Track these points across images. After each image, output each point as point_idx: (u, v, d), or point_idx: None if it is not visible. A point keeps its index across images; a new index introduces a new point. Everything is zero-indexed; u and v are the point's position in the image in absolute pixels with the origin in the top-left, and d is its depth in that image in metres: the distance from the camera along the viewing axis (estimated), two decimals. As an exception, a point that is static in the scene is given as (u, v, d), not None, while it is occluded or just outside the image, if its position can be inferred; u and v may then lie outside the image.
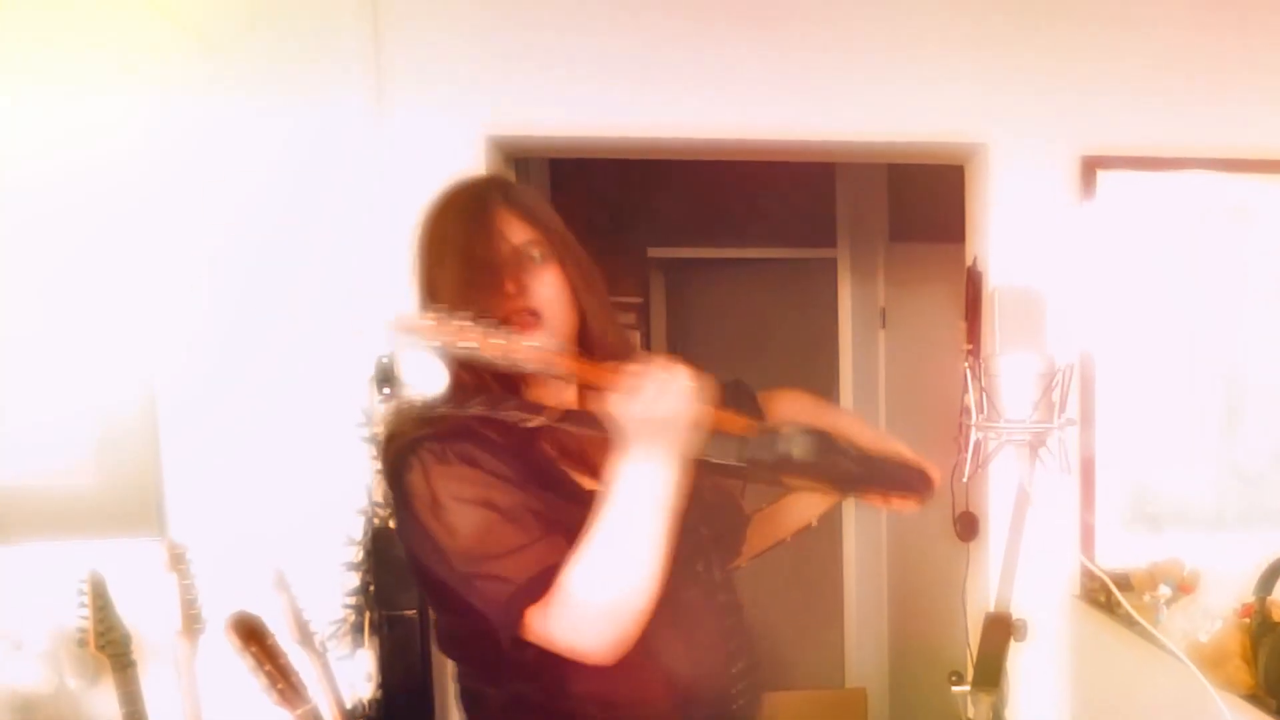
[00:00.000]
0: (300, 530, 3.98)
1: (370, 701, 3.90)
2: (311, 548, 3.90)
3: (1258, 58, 4.43)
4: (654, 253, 7.61)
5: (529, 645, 2.16)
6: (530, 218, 2.40)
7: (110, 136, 3.92)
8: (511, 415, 2.27)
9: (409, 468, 2.25)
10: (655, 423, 2.05)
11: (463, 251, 2.32)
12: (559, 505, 2.24)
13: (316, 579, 3.68)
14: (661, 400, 2.03)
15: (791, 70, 4.24)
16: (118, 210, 3.93)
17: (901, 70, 4.29)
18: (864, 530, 7.25)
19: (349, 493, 3.98)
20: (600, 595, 2.09)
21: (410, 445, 2.27)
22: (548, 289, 2.36)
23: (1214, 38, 4.40)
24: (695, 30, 4.18)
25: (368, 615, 3.93)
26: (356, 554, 3.96)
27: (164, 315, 4.00)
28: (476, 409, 2.28)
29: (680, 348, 7.70)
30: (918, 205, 6.67)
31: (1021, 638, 3.22)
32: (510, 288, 2.30)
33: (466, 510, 2.19)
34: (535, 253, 2.37)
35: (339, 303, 4.03)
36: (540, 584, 2.10)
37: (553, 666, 2.19)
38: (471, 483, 2.21)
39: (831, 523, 7.21)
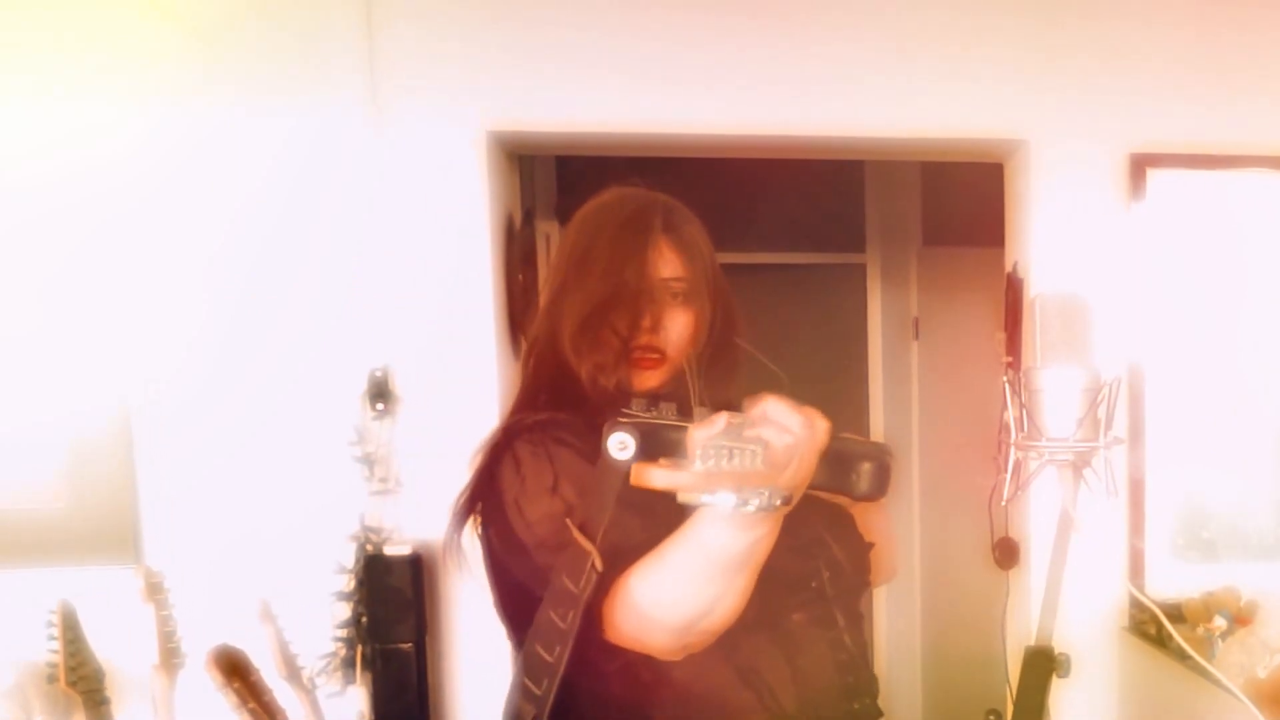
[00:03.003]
0: (287, 557, 3.98)
1: (363, 741, 3.90)
2: (299, 576, 3.91)
3: (1318, 50, 4.41)
4: (667, 257, 7.58)
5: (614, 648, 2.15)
6: (686, 252, 2.42)
7: (96, 140, 3.92)
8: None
9: (500, 460, 2.30)
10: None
11: (610, 272, 2.34)
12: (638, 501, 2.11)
13: (305, 609, 3.65)
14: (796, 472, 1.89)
15: (814, 61, 4.23)
16: (95, 217, 3.94)
17: (935, 61, 4.28)
18: (895, 556, 7.23)
19: (340, 517, 3.99)
20: (666, 614, 2.06)
21: (505, 437, 2.33)
22: (680, 330, 2.40)
23: (1273, 25, 4.38)
24: (711, 20, 4.17)
25: (360, 649, 3.93)
26: (348, 583, 3.96)
27: (138, 324, 3.99)
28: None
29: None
30: (953, 206, 6.66)
31: (1065, 673, 3.20)
32: (647, 322, 2.35)
33: (545, 500, 2.22)
34: (679, 290, 2.40)
35: (330, 312, 4.03)
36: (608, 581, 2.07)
37: (637, 678, 2.19)
38: (552, 474, 2.23)
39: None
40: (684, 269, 2.40)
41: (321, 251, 4.03)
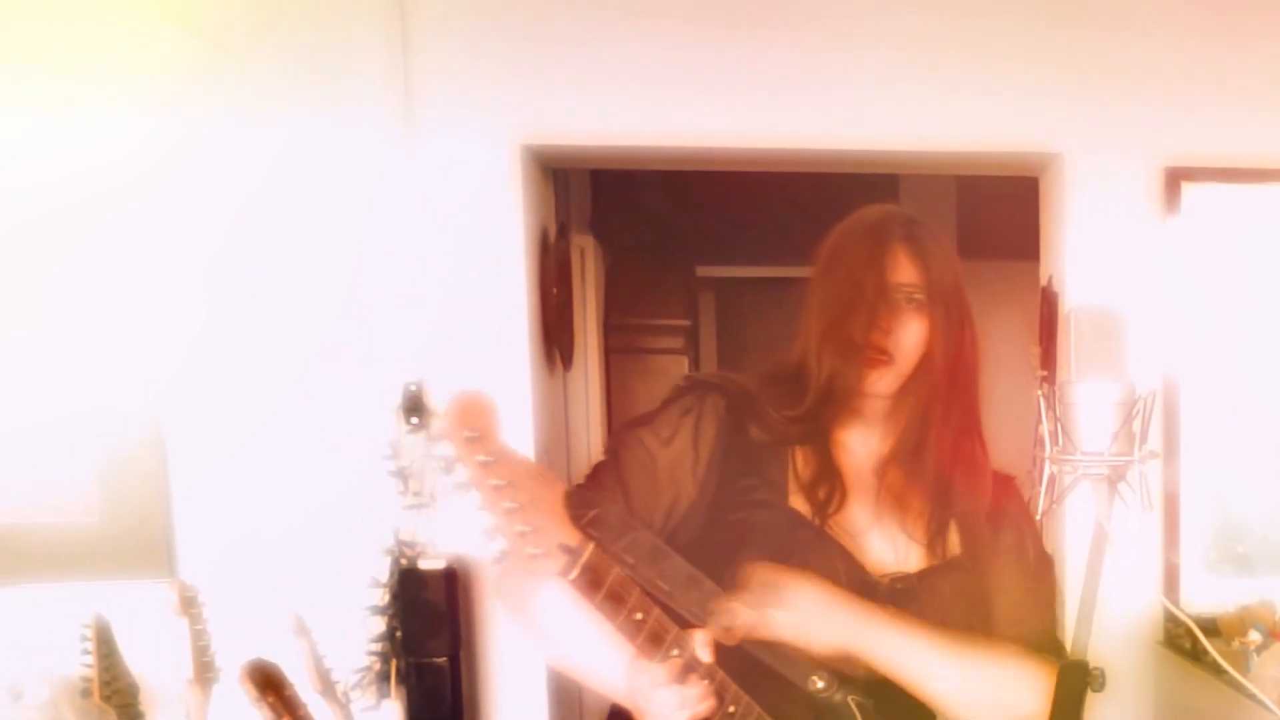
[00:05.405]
0: (321, 572, 3.97)
1: (397, 756, 3.89)
2: (333, 590, 3.88)
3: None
4: (703, 271, 7.55)
5: None
6: (921, 261, 2.49)
7: (130, 153, 3.92)
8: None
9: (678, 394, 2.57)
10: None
11: (847, 273, 2.47)
12: (732, 505, 2.46)
13: (339, 624, 3.63)
14: (653, 711, 2.14)
15: (849, 75, 4.22)
16: (124, 225, 3.93)
17: (970, 75, 4.26)
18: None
19: (374, 531, 3.97)
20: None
21: (694, 380, 2.66)
22: (909, 337, 2.48)
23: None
24: (745, 34, 4.16)
25: (394, 663, 3.91)
26: (382, 597, 3.94)
27: (172, 337, 3.98)
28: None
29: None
30: (988, 220, 6.62)
31: (1099, 688, 3.16)
32: (879, 322, 2.44)
33: (640, 448, 2.49)
34: (914, 297, 2.48)
35: (365, 326, 4.03)
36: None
37: None
38: (690, 434, 2.49)
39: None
40: (919, 277, 2.48)
41: (356, 266, 4.02)
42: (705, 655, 2.09)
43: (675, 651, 2.04)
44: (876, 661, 2.31)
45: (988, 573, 2.56)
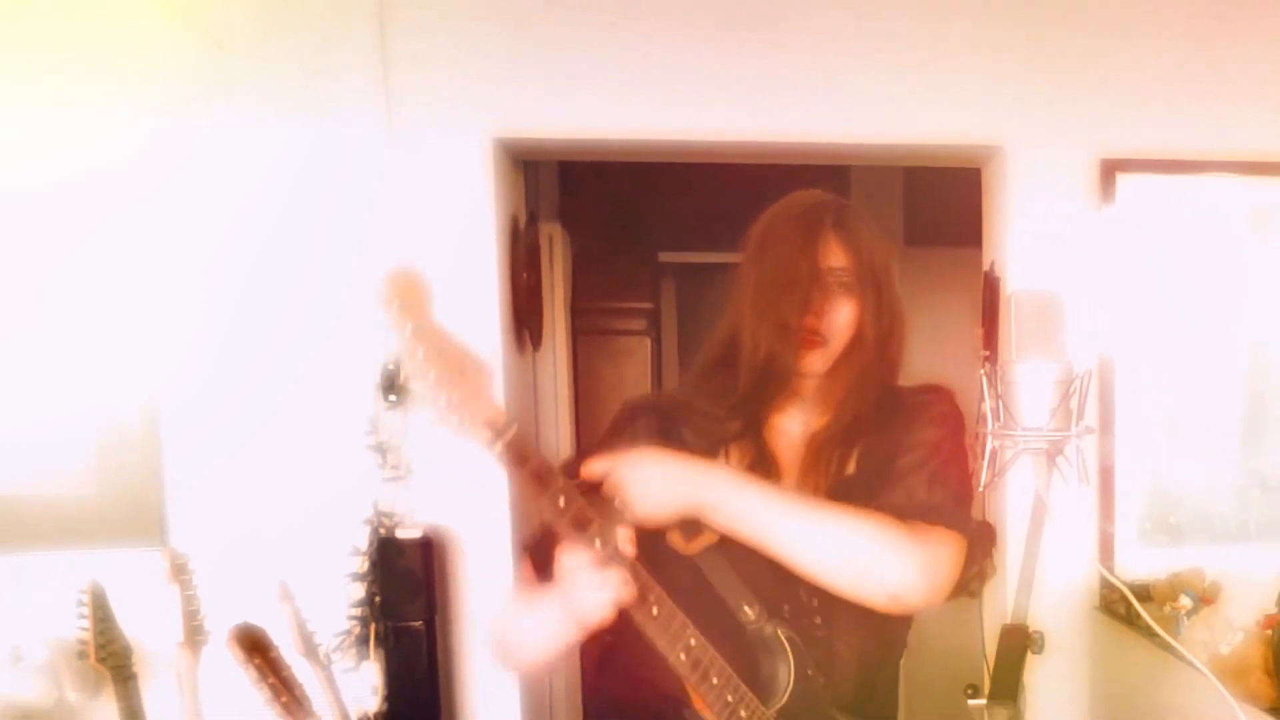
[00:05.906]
0: (304, 540, 4.04)
1: (376, 715, 3.94)
2: (316, 558, 3.97)
3: (1281, 60, 4.47)
4: (665, 257, 7.57)
5: None
6: (851, 246, 2.56)
7: (126, 147, 3.99)
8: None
9: (620, 425, 2.69)
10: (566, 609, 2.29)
11: (780, 259, 2.53)
12: None
13: (321, 590, 3.69)
14: (575, 592, 2.24)
15: (804, 72, 4.29)
16: (119, 214, 3.99)
17: (917, 71, 4.34)
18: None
19: (354, 502, 4.05)
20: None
21: (628, 406, 2.76)
22: (841, 318, 2.54)
23: (1236, 38, 4.44)
24: (705, 32, 4.23)
25: (373, 627, 3.98)
26: (362, 564, 4.01)
27: (166, 320, 4.04)
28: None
29: (690, 354, 7.67)
30: (934, 209, 6.67)
31: (1039, 650, 3.26)
32: (812, 306, 2.50)
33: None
34: (843, 280, 2.54)
35: (344, 310, 4.09)
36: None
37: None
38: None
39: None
40: (849, 261, 2.54)
41: (337, 252, 4.09)
42: (627, 548, 2.20)
43: (598, 543, 2.15)
44: (723, 518, 2.36)
45: (885, 475, 2.57)
